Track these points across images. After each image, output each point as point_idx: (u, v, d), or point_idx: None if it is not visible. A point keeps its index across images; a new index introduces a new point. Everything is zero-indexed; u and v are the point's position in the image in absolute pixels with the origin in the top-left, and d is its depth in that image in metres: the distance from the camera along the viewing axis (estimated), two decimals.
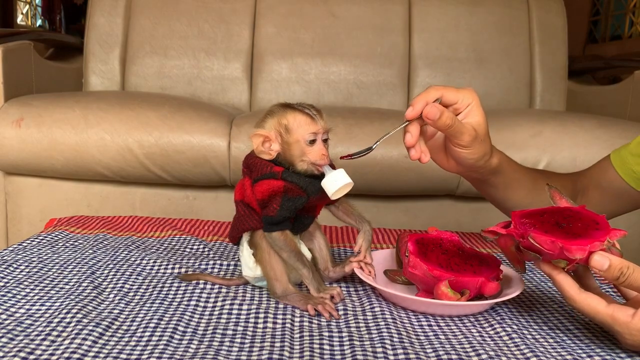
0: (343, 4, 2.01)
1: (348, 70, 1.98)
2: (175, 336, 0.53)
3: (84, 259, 0.72)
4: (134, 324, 0.55)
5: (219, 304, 0.61)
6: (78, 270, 0.68)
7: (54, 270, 0.68)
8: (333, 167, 0.63)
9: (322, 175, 0.62)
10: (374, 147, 0.63)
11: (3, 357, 0.47)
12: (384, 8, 2.02)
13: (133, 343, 0.51)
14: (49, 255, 0.74)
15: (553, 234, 0.52)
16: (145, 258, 0.73)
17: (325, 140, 0.62)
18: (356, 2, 2.02)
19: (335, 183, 0.60)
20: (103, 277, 0.67)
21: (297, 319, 0.58)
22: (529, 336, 0.55)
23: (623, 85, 1.84)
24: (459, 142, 0.66)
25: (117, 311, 0.58)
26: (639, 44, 2.53)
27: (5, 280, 0.64)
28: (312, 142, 0.61)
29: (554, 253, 0.51)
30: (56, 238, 0.81)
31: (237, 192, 0.65)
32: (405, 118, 0.64)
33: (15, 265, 0.69)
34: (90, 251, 0.76)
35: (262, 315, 0.58)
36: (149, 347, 0.50)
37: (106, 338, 0.52)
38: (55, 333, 0.52)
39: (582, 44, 2.89)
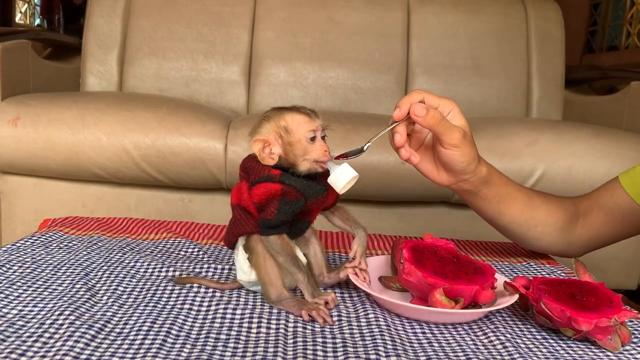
0: (342, 10, 2.02)
1: (346, 76, 1.99)
2: (168, 340, 0.52)
3: (77, 260, 0.72)
4: (127, 326, 0.55)
5: (213, 307, 0.60)
6: (72, 272, 0.68)
7: (47, 271, 0.68)
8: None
9: (320, 176, 0.62)
10: (365, 148, 0.65)
11: None
12: (383, 14, 2.02)
13: (126, 346, 0.51)
14: (43, 256, 0.73)
15: (565, 304, 0.56)
16: (140, 260, 0.73)
17: (323, 138, 0.63)
18: (355, 8, 2.02)
19: (343, 178, 0.60)
20: (97, 279, 0.66)
21: (290, 325, 0.57)
22: (522, 345, 0.55)
23: (619, 95, 1.86)
24: (450, 140, 0.67)
25: (110, 314, 0.57)
26: (635, 55, 2.54)
27: None
28: (312, 139, 0.61)
29: (562, 321, 0.56)
30: (50, 239, 0.81)
31: (234, 195, 0.65)
32: (393, 119, 0.67)
33: (8, 266, 0.68)
34: (84, 253, 0.75)
35: (255, 320, 0.58)
36: (141, 351, 0.50)
37: (99, 340, 0.51)
38: (47, 335, 0.51)
39: (580, 54, 2.90)
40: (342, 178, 0.60)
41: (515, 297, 0.62)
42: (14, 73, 1.55)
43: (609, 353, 0.55)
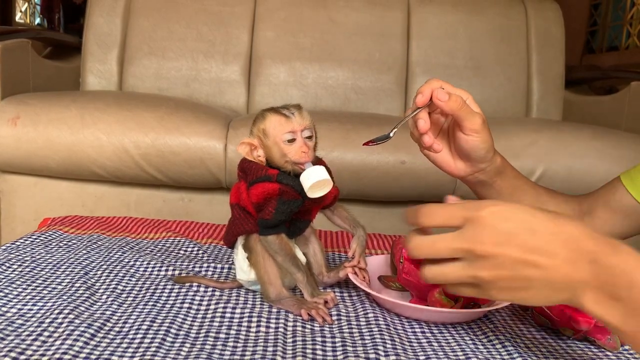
0: (342, 10, 2.02)
1: (346, 76, 1.98)
2: (168, 338, 0.52)
3: (77, 259, 0.72)
4: (127, 325, 0.55)
5: (212, 307, 0.60)
6: (71, 271, 0.68)
7: (46, 270, 0.68)
8: (324, 165, 0.62)
9: None
10: (391, 134, 0.64)
11: None
12: (383, 14, 2.02)
13: (125, 345, 0.51)
14: (42, 255, 0.73)
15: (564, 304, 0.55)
16: (139, 259, 0.73)
17: (309, 137, 0.61)
18: (355, 8, 2.02)
19: (309, 179, 0.59)
20: (96, 278, 0.66)
21: (290, 324, 0.57)
22: (521, 344, 0.55)
23: (619, 96, 1.85)
24: (471, 125, 0.67)
25: (110, 312, 0.57)
26: (635, 55, 2.54)
27: None
28: (292, 140, 0.60)
29: (562, 321, 0.56)
30: (50, 238, 0.81)
31: (233, 195, 0.65)
32: (416, 105, 0.66)
33: (7, 265, 0.68)
34: (84, 251, 0.75)
35: (255, 319, 0.58)
36: (140, 349, 0.50)
37: (98, 339, 0.51)
38: (46, 333, 0.51)
39: (580, 54, 2.90)
40: (309, 179, 0.58)
41: None
42: (13, 72, 1.54)
43: (608, 353, 0.55)
